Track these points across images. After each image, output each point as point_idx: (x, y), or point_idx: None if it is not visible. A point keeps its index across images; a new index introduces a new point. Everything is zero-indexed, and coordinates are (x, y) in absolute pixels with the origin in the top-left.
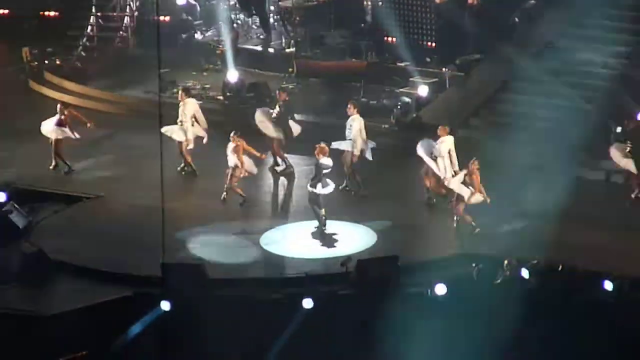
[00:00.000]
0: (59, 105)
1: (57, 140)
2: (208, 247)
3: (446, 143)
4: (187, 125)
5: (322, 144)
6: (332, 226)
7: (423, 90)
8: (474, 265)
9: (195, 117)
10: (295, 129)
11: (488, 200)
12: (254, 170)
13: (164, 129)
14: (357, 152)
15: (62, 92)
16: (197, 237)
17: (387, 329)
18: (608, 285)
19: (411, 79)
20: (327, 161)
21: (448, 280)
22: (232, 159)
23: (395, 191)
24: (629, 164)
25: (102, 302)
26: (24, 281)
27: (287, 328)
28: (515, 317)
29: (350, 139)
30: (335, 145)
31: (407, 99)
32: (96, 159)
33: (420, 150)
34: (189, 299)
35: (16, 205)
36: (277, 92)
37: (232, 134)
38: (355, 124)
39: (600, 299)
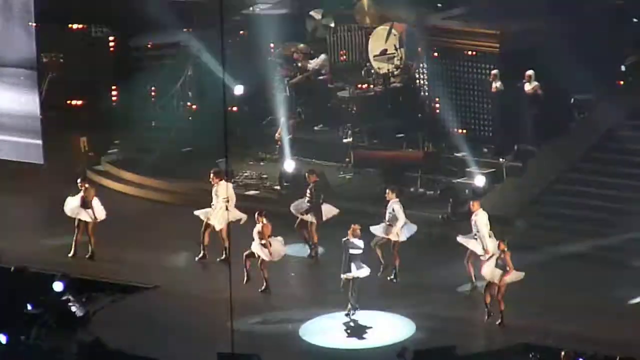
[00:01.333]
0: (79, 182)
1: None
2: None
3: (480, 217)
4: (220, 209)
5: (355, 225)
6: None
7: (480, 181)
8: (530, 355)
9: (228, 200)
10: (328, 210)
11: (522, 275)
12: (279, 254)
13: (197, 212)
14: (392, 237)
15: (120, 182)
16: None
17: None
18: None
19: (468, 169)
20: (356, 242)
21: None
22: (255, 245)
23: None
24: None
25: None
26: None
27: None
28: None
29: (387, 224)
30: (372, 230)
31: (463, 189)
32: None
33: (460, 237)
34: None
35: (73, 295)
36: (307, 174)
37: (257, 215)
38: (397, 207)
39: None
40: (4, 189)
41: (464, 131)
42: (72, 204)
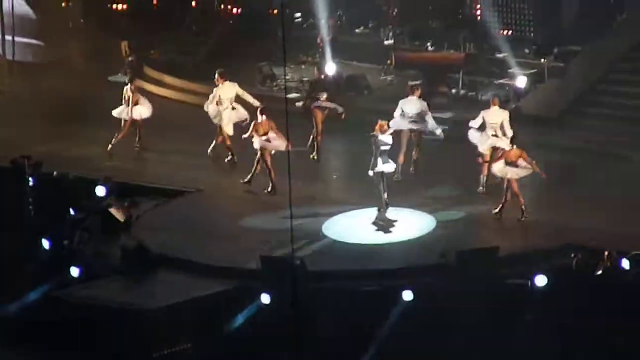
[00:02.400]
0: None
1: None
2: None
3: (496, 114)
4: (226, 109)
5: (382, 122)
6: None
7: (521, 82)
8: (572, 255)
9: (235, 101)
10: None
11: (538, 170)
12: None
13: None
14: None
15: (162, 87)
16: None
17: (487, 322)
18: None
19: (510, 70)
20: (385, 138)
21: (548, 272)
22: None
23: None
24: None
25: (203, 295)
26: (126, 275)
27: (387, 320)
28: (614, 309)
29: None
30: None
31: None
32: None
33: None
34: (288, 292)
35: (116, 199)
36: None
37: (258, 111)
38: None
39: None
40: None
41: (506, 32)
42: (119, 108)
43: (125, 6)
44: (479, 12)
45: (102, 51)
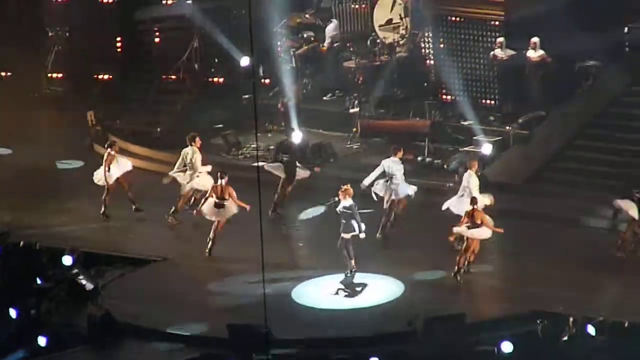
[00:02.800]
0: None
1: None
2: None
3: (474, 177)
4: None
5: (347, 186)
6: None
7: (487, 149)
8: (538, 322)
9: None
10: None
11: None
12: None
13: (172, 172)
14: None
15: (127, 156)
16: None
17: None
18: None
19: (475, 137)
20: (345, 202)
21: (514, 338)
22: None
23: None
24: None
25: None
26: (92, 344)
27: None
28: None
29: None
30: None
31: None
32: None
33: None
34: None
35: (83, 268)
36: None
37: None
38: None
39: None
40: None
41: (471, 99)
42: (100, 173)
43: (109, 77)
44: (443, 80)
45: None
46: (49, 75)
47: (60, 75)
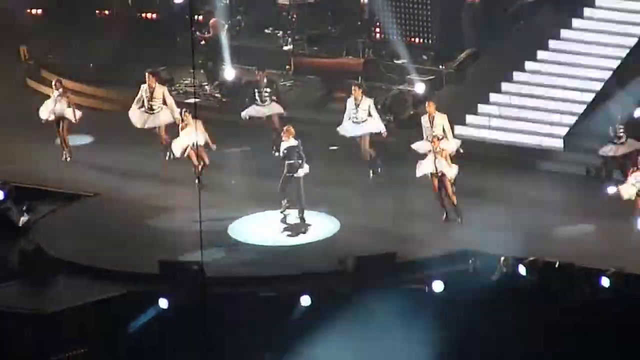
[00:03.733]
0: (54, 82)
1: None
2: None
3: (442, 116)
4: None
5: (288, 126)
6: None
7: (420, 88)
8: (470, 261)
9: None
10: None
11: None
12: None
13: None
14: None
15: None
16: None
17: (385, 326)
18: (605, 282)
19: (408, 76)
20: (287, 143)
21: (446, 277)
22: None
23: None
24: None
25: (101, 299)
26: (23, 279)
27: (285, 325)
28: (511, 313)
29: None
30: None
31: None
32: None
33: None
34: (187, 297)
35: (14, 203)
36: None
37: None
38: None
39: (596, 296)
40: None
41: (404, 38)
42: (49, 106)
43: (40, 11)
44: (377, 18)
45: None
46: None
47: None
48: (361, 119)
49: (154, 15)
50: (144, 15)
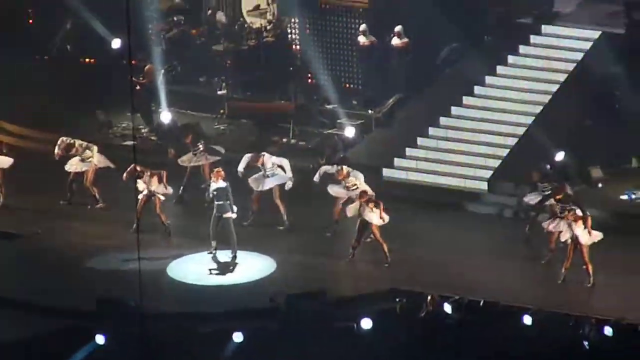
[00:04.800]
0: None
1: None
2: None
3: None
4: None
5: (218, 169)
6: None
7: (350, 132)
8: (397, 300)
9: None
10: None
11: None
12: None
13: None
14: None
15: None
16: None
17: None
18: (527, 320)
19: (338, 120)
20: (216, 184)
21: (374, 315)
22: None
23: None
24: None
25: (39, 334)
26: None
27: None
28: (438, 350)
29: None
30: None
31: (336, 139)
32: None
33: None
34: (123, 334)
35: None
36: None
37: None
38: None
39: (519, 333)
40: None
41: (335, 84)
42: None
43: None
44: (309, 64)
45: None
46: None
47: None
48: (271, 173)
49: (92, 60)
50: (81, 60)
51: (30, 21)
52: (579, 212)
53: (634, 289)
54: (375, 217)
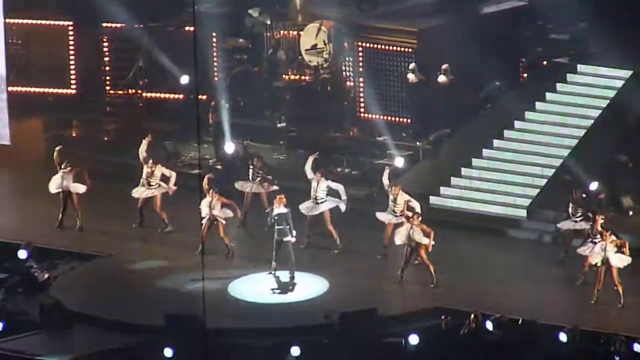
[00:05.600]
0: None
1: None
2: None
3: (403, 195)
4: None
5: (281, 195)
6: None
7: (399, 162)
8: (442, 317)
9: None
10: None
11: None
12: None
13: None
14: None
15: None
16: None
17: None
18: (563, 337)
19: (388, 151)
20: (278, 210)
21: (421, 331)
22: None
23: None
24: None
25: (112, 348)
26: (44, 329)
27: None
28: None
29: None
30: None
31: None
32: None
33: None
34: (189, 348)
35: (36, 262)
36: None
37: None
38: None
39: (555, 349)
40: None
41: (386, 117)
42: (57, 181)
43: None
44: (362, 99)
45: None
46: None
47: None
48: (320, 199)
49: (163, 95)
50: (153, 95)
51: (107, 59)
52: (613, 237)
53: None
54: (425, 238)
